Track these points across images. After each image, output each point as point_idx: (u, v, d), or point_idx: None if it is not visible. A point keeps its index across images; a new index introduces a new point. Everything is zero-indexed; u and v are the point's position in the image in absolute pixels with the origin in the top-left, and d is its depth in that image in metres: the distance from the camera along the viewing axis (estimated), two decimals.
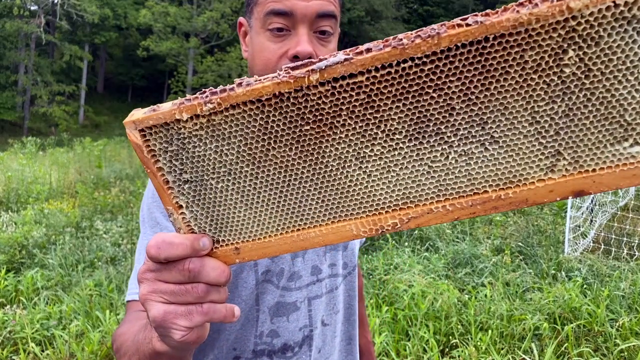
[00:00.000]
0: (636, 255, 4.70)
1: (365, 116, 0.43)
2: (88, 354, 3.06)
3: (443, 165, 0.44)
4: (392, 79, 0.41)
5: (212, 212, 0.50)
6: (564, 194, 0.43)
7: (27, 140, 13.02)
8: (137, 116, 0.46)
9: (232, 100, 0.43)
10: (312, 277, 0.91)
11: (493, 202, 0.45)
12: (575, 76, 0.39)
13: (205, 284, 0.49)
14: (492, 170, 0.44)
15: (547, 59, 0.39)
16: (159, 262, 0.49)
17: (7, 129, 23.66)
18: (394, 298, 3.62)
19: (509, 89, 0.40)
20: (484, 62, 0.39)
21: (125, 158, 11.72)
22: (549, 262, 4.40)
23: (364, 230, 0.48)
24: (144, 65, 30.31)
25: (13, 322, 3.34)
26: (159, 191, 0.49)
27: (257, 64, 0.81)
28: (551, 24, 0.37)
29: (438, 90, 0.41)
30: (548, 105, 0.40)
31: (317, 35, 0.79)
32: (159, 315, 0.49)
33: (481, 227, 5.64)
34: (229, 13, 23.12)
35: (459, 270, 4.27)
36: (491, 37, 0.38)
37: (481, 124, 0.42)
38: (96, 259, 4.64)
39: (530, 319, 3.24)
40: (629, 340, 3.09)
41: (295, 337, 0.88)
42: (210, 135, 0.46)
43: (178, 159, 0.47)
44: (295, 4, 0.76)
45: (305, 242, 0.50)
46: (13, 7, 22.63)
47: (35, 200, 6.90)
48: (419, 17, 32.85)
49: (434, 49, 0.39)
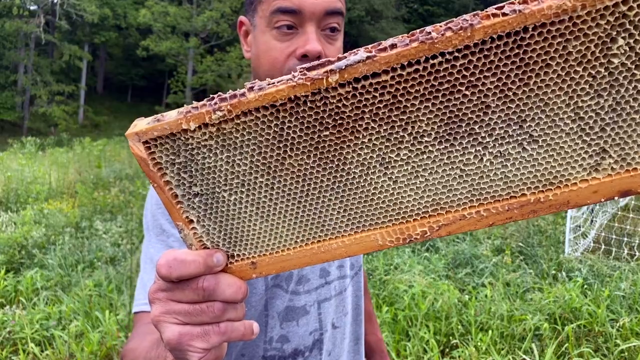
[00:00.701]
0: (637, 255, 4.70)
1: (390, 118, 0.39)
2: (87, 354, 3.05)
3: (477, 168, 0.41)
4: (420, 77, 0.37)
5: (225, 226, 0.47)
6: (610, 195, 0.40)
7: (27, 140, 13.02)
8: (140, 127, 0.42)
9: (243, 107, 0.39)
10: (320, 280, 0.89)
11: (531, 206, 0.41)
12: (624, 67, 0.35)
13: (221, 302, 0.46)
14: (530, 172, 0.40)
15: (593, 49, 0.35)
16: (171, 281, 0.46)
17: (6, 129, 23.64)
18: (394, 298, 3.61)
19: (550, 84, 0.37)
20: (522, 55, 0.35)
21: (125, 158, 11.71)
22: (549, 263, 4.39)
23: (390, 240, 0.44)
24: (144, 65, 30.29)
25: (12, 323, 3.33)
26: (168, 206, 0.46)
27: (262, 64, 0.78)
28: (599, 10, 0.33)
29: (472, 88, 0.37)
30: (593, 99, 0.37)
31: (325, 33, 0.77)
32: (174, 338, 0.46)
33: None
34: (228, 13, 23.10)
35: (460, 271, 4.26)
36: (530, 27, 0.34)
37: (519, 122, 0.38)
38: (96, 259, 4.63)
39: (530, 319, 3.24)
40: (629, 340, 3.08)
41: (305, 341, 0.86)
42: (221, 145, 0.42)
43: (187, 172, 0.44)
44: (303, 1, 0.74)
45: (327, 254, 0.46)
46: (12, 6, 22.61)
47: (35, 200, 6.89)
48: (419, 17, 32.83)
49: (467, 42, 0.35)
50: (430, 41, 0.35)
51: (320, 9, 0.75)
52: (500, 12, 0.34)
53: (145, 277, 0.79)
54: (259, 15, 0.79)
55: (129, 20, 26.06)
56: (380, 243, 0.45)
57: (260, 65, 0.79)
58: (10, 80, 24.59)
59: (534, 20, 0.34)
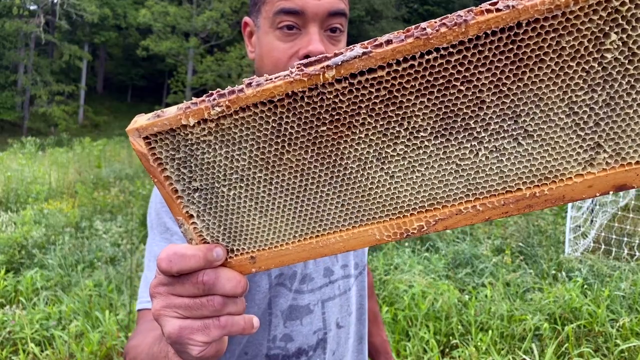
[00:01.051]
0: (637, 255, 4.70)
1: (386, 114, 0.40)
2: (87, 354, 3.05)
3: (472, 163, 0.41)
4: (416, 72, 0.37)
5: (224, 221, 0.47)
6: (605, 189, 0.40)
7: (27, 140, 13.02)
8: (140, 123, 0.43)
9: (241, 103, 0.40)
10: (324, 280, 0.89)
11: (527, 200, 0.42)
12: (617, 62, 0.35)
13: (221, 296, 0.47)
14: (525, 167, 0.41)
15: (586, 45, 0.35)
16: (171, 275, 0.47)
17: (6, 129, 23.65)
18: (394, 298, 3.61)
19: (544, 79, 0.37)
20: (516, 50, 0.36)
21: (124, 158, 11.71)
22: (549, 263, 4.39)
23: (387, 234, 0.45)
24: (144, 65, 30.30)
25: (12, 323, 3.33)
26: (168, 201, 0.47)
27: (266, 64, 0.79)
28: (591, 5, 0.34)
29: (466, 83, 0.37)
30: (587, 94, 0.37)
31: (328, 34, 0.78)
32: (174, 332, 0.47)
33: (481, 227, 5.64)
34: (228, 13, 23.10)
35: (459, 271, 4.26)
36: (524, 22, 0.34)
37: (514, 117, 0.39)
38: (96, 259, 4.64)
39: (530, 320, 3.24)
40: (629, 340, 3.08)
41: (309, 340, 0.86)
42: (220, 141, 0.43)
43: (186, 167, 0.44)
44: (307, 2, 0.75)
45: (325, 248, 0.47)
46: (12, 6, 22.61)
47: (35, 200, 6.89)
48: (419, 17, 32.83)
49: (461, 38, 0.35)
50: (425, 37, 0.35)
51: (323, 9, 0.75)
52: (494, 7, 0.35)
53: (149, 275, 0.79)
54: (262, 16, 0.80)
55: (129, 20, 26.06)
56: (378, 237, 0.46)
57: (263, 65, 0.80)
58: (10, 80, 24.59)
59: (527, 16, 0.34)
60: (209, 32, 24.19)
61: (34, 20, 23.81)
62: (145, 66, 30.48)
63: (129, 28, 27.50)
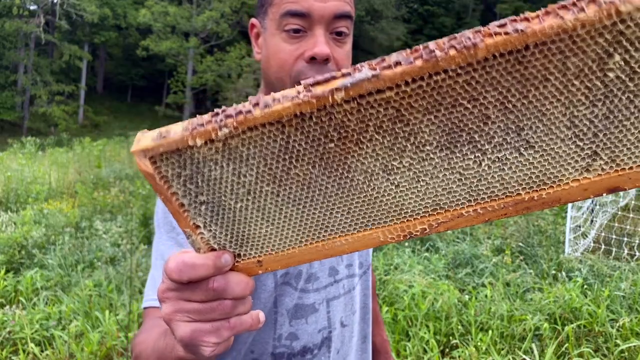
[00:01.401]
0: (637, 255, 4.70)
1: (394, 130, 0.40)
2: (87, 354, 3.05)
3: (475, 172, 0.43)
4: (424, 92, 0.38)
5: (232, 230, 0.48)
6: (598, 192, 0.43)
7: (27, 140, 13.03)
8: (145, 144, 0.43)
9: (249, 123, 0.40)
10: (329, 279, 0.90)
11: (525, 204, 0.44)
12: (619, 79, 0.37)
13: (230, 299, 0.48)
14: (526, 174, 0.43)
15: (590, 65, 0.36)
16: (181, 283, 0.48)
17: (6, 128, 23.66)
18: (394, 298, 3.61)
19: (549, 97, 0.38)
20: (523, 70, 0.37)
21: (124, 158, 11.71)
22: (549, 263, 4.39)
23: (391, 236, 0.47)
24: (144, 65, 30.31)
25: (12, 323, 3.34)
26: (175, 215, 0.47)
27: (272, 66, 0.80)
28: (597, 29, 0.35)
29: (473, 101, 0.38)
30: (588, 109, 0.39)
31: (334, 37, 0.78)
32: (187, 335, 0.48)
33: (481, 228, 5.64)
34: (228, 13, 23.12)
35: (460, 271, 4.26)
36: (532, 45, 0.35)
37: (517, 130, 0.40)
38: (95, 259, 4.64)
39: (530, 320, 3.24)
40: (629, 340, 3.08)
41: (314, 339, 0.88)
42: (227, 158, 0.43)
43: (193, 182, 0.44)
44: (312, 4, 0.75)
45: (330, 250, 0.48)
46: (12, 6, 22.62)
47: (35, 200, 6.89)
48: (419, 17, 32.86)
49: (470, 60, 0.36)
50: (434, 59, 0.36)
51: (329, 12, 0.76)
52: (503, 30, 0.35)
53: (155, 274, 0.81)
54: (269, 18, 0.80)
55: (129, 20, 26.08)
56: (382, 239, 0.48)
57: (269, 67, 0.80)
58: (10, 80, 24.60)
59: (535, 39, 0.35)
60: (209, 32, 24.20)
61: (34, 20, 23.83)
62: (145, 66, 30.49)
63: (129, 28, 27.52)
